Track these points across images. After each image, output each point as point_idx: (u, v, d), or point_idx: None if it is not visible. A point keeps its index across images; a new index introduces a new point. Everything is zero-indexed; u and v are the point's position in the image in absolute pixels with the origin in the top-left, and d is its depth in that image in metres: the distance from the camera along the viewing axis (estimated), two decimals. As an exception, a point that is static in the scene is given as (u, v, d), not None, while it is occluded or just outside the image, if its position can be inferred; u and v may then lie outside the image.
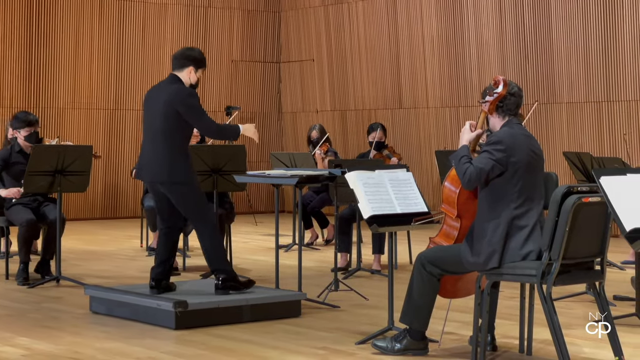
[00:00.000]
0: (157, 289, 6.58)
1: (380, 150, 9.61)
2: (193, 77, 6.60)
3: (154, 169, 6.55)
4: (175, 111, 6.46)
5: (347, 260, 8.87)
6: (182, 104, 6.46)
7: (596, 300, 5.14)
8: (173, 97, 6.48)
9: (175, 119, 6.47)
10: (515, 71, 12.34)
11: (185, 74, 6.59)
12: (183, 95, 6.49)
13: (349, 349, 5.65)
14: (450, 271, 5.32)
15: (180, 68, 6.60)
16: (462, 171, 5.13)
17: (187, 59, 6.61)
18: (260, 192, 15.34)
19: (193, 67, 6.59)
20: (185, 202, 6.54)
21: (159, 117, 6.51)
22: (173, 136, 6.49)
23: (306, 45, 15.25)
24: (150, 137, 6.60)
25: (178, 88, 6.53)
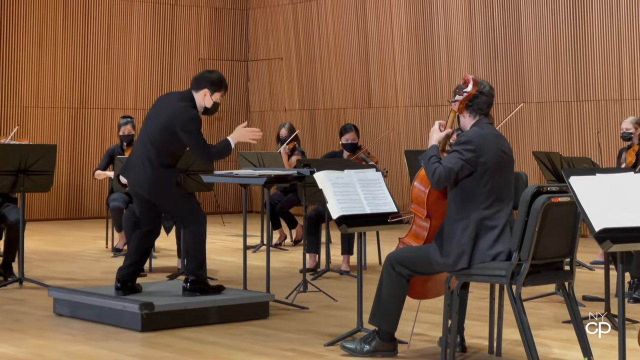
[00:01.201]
0: (123, 290, 6.54)
1: (353, 151, 9.61)
2: (208, 100, 6.52)
3: (137, 176, 6.52)
4: (172, 129, 6.42)
5: (316, 261, 8.87)
6: (182, 127, 6.40)
7: (565, 300, 5.18)
8: (175, 116, 6.42)
9: (170, 137, 6.42)
10: (485, 71, 12.40)
11: (200, 96, 6.52)
12: (185, 118, 6.42)
13: (317, 350, 5.65)
14: (419, 272, 5.33)
15: (196, 89, 6.54)
16: (431, 171, 5.15)
17: (203, 80, 6.53)
18: (228, 192, 15.30)
19: (208, 90, 6.50)
20: (172, 210, 6.55)
21: (157, 129, 6.47)
22: (162, 149, 6.44)
23: (274, 43, 15.23)
24: (144, 141, 6.54)
25: (184, 108, 6.44)
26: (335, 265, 8.84)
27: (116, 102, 14.48)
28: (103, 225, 11.00)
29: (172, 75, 14.84)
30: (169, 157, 6.50)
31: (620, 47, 11.36)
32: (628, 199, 4.34)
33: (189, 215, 6.53)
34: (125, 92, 14.55)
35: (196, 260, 6.55)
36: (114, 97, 14.47)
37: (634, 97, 11.26)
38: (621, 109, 11.28)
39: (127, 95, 14.57)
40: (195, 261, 6.55)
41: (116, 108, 14.37)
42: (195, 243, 6.55)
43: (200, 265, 6.57)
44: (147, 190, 6.49)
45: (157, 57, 14.78)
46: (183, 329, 6.20)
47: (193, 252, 6.56)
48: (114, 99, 14.47)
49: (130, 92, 14.59)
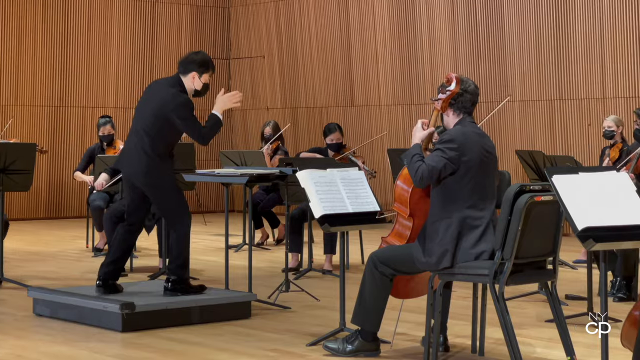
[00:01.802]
0: (104, 288, 6.52)
1: (339, 151, 9.61)
2: (197, 82, 6.51)
3: (131, 166, 6.49)
4: (165, 117, 6.40)
5: (298, 261, 8.87)
6: (174, 113, 6.38)
7: (548, 299, 5.20)
8: (167, 103, 6.40)
9: (163, 124, 6.41)
10: (468, 69, 12.43)
11: (188, 80, 6.50)
12: (176, 104, 6.40)
13: (299, 350, 5.66)
14: (402, 271, 5.34)
15: (183, 73, 6.52)
16: (414, 169, 5.15)
17: (190, 63, 6.51)
18: (210, 191, 15.28)
19: (197, 73, 6.49)
20: (162, 202, 6.50)
21: (150, 117, 6.45)
22: (157, 138, 6.43)
23: (256, 41, 15.22)
24: (137, 130, 6.52)
25: (174, 95, 6.43)
26: (317, 264, 8.84)
27: (97, 101, 14.43)
28: (83, 224, 10.97)
29: (153, 73, 14.79)
30: (164, 146, 6.47)
31: (602, 45, 11.42)
32: (611, 197, 4.36)
33: (177, 212, 6.51)
34: (105, 91, 14.50)
35: (179, 259, 6.54)
36: (94, 95, 14.42)
37: (616, 95, 11.32)
38: (604, 107, 11.34)
39: (108, 93, 14.52)
40: (177, 261, 6.54)
41: (97, 106, 14.33)
42: (179, 242, 6.54)
43: (183, 265, 6.56)
44: (142, 181, 6.45)
45: (138, 55, 14.74)
46: (164, 329, 6.19)
47: (176, 252, 6.55)
48: (95, 97, 14.42)
49: (110, 90, 14.54)
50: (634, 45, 11.16)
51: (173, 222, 6.55)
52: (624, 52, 11.24)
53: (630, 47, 11.18)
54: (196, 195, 14.28)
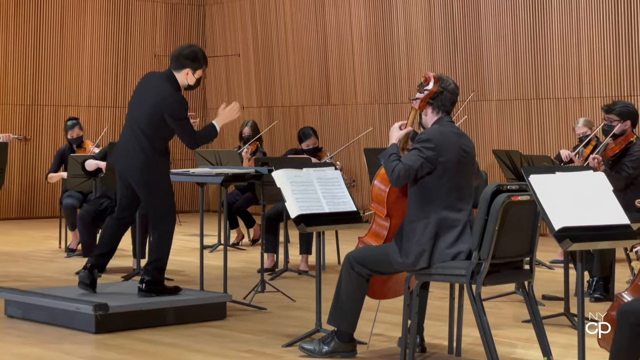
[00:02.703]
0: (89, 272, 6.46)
1: (315, 156, 9.61)
2: (191, 78, 6.51)
3: (127, 162, 6.46)
4: (160, 114, 6.37)
5: (274, 261, 8.86)
6: (169, 112, 6.36)
7: (525, 300, 5.22)
8: (162, 101, 6.38)
9: (158, 121, 6.38)
10: (445, 68, 12.46)
11: (182, 76, 6.49)
12: (171, 102, 6.38)
13: (275, 352, 5.65)
14: (379, 271, 5.34)
15: (177, 68, 6.50)
16: (391, 169, 5.16)
17: (184, 59, 6.49)
18: (185, 191, 15.24)
19: (191, 69, 6.49)
20: (150, 199, 6.46)
21: (144, 113, 6.43)
22: (154, 135, 6.40)
23: (232, 39, 15.18)
24: (131, 126, 6.50)
25: (169, 93, 6.40)
26: (293, 265, 8.84)
27: (70, 99, 14.35)
28: (56, 224, 10.91)
29: (127, 71, 14.73)
30: (160, 142, 6.45)
31: (579, 45, 11.47)
32: (587, 197, 4.38)
33: (164, 213, 6.47)
34: (79, 89, 14.42)
35: (159, 262, 6.51)
36: (67, 93, 14.34)
37: (593, 95, 11.38)
38: (581, 107, 11.40)
39: (81, 92, 14.44)
40: (157, 262, 6.51)
41: (70, 105, 14.25)
42: (162, 243, 6.51)
43: (160, 268, 6.53)
44: (136, 178, 6.42)
45: (112, 53, 14.67)
46: (138, 330, 6.16)
47: (157, 254, 6.51)
48: (68, 96, 14.34)
49: (84, 88, 14.46)
50: (610, 44, 11.22)
51: (158, 222, 6.50)
52: (600, 52, 11.30)
53: (607, 46, 11.25)
54: (171, 195, 14.22)
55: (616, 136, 7.53)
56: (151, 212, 6.50)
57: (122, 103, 14.56)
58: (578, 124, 9.35)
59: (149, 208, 6.50)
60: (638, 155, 7.41)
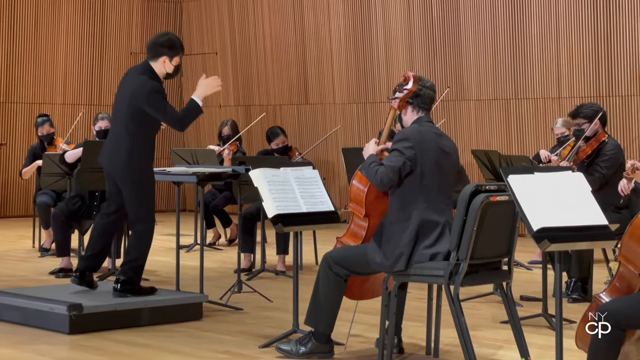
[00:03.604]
0: (79, 280, 6.45)
1: (286, 154, 9.61)
2: (169, 66, 6.49)
3: (113, 160, 6.45)
4: (138, 107, 6.35)
5: (251, 261, 8.85)
6: (144, 101, 6.34)
7: (503, 300, 5.24)
8: (136, 92, 6.36)
9: (138, 114, 6.36)
10: (424, 67, 12.50)
11: (159, 65, 6.47)
12: (145, 91, 6.36)
13: (252, 352, 5.65)
14: (357, 272, 5.35)
15: (153, 58, 6.48)
16: (373, 174, 5.14)
17: (160, 47, 6.48)
18: (161, 190, 15.19)
19: (167, 57, 6.47)
20: (133, 197, 6.42)
21: (124, 107, 6.42)
22: (136, 130, 6.38)
23: (209, 37, 15.16)
24: (115, 125, 6.51)
25: (142, 82, 6.38)
26: (270, 265, 8.84)
27: (44, 97, 14.28)
28: (29, 224, 10.85)
29: (102, 69, 14.68)
30: (144, 139, 6.41)
31: (558, 45, 11.54)
32: (566, 198, 4.41)
33: (144, 214, 6.44)
34: (53, 86, 14.36)
35: (134, 262, 6.48)
36: (41, 91, 14.27)
37: (572, 95, 11.45)
38: (559, 107, 11.46)
39: (56, 89, 14.38)
40: (133, 263, 6.47)
41: (44, 102, 14.18)
42: (139, 245, 6.48)
43: (137, 269, 6.49)
44: (121, 177, 6.41)
45: (87, 50, 14.61)
46: (113, 331, 6.14)
47: (135, 254, 6.48)
48: (42, 93, 14.27)
49: (58, 86, 14.40)
50: (589, 44, 11.29)
51: (137, 222, 6.46)
52: (579, 52, 11.37)
53: (586, 46, 11.31)
54: (146, 194, 14.18)
55: (589, 138, 7.57)
56: (131, 211, 6.47)
57: (97, 101, 14.51)
58: (556, 124, 9.40)
59: (129, 207, 6.48)
60: (610, 155, 7.45)
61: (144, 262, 6.55)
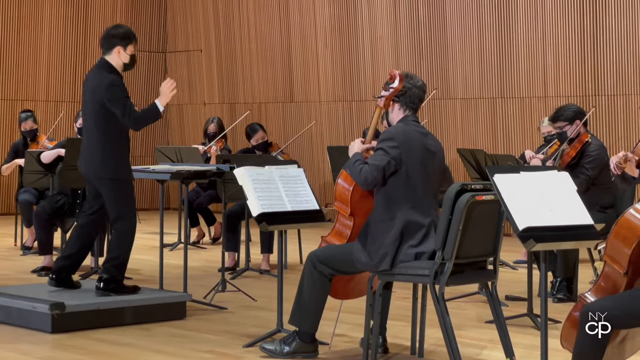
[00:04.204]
0: (56, 282, 6.43)
1: (266, 150, 9.60)
2: (124, 56, 6.48)
3: (88, 163, 6.46)
4: (101, 103, 6.35)
5: (235, 260, 8.84)
6: (106, 95, 6.35)
7: (488, 300, 5.25)
8: (96, 88, 6.37)
9: (104, 112, 6.36)
10: (410, 65, 12.51)
11: (114, 56, 6.47)
12: (104, 85, 6.36)
13: (236, 352, 5.65)
14: (342, 271, 5.35)
15: (108, 50, 6.48)
16: (357, 172, 5.14)
17: (112, 38, 6.48)
18: (144, 188, 15.16)
19: (121, 47, 6.47)
20: (111, 197, 6.42)
21: (90, 108, 6.43)
22: (106, 128, 6.38)
23: (194, 34, 15.14)
24: (86, 129, 6.51)
25: (101, 78, 6.40)
26: (254, 264, 8.83)
27: (27, 94, 14.22)
28: (11, 222, 10.80)
29: (85, 66, 14.61)
30: (114, 136, 6.40)
31: (544, 44, 11.57)
32: (552, 197, 4.42)
33: (124, 211, 6.43)
34: (36, 83, 14.30)
35: (117, 259, 6.47)
36: (23, 88, 14.21)
37: (558, 94, 11.49)
38: (545, 106, 11.49)
39: (38, 86, 14.32)
40: (115, 260, 6.47)
41: (26, 99, 14.12)
42: (121, 243, 6.47)
43: (119, 266, 6.49)
44: (99, 178, 6.40)
45: (70, 47, 14.56)
46: (96, 330, 6.13)
47: (116, 251, 6.47)
48: (25, 90, 14.21)
49: (41, 83, 14.34)
50: (575, 43, 11.33)
51: (117, 220, 6.45)
52: (565, 51, 11.41)
53: (572, 45, 11.35)
54: (130, 192, 14.14)
55: (572, 139, 7.58)
56: (111, 210, 6.47)
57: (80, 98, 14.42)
58: (543, 123, 9.42)
59: (109, 205, 6.47)
60: (595, 156, 7.47)
61: (126, 260, 6.54)
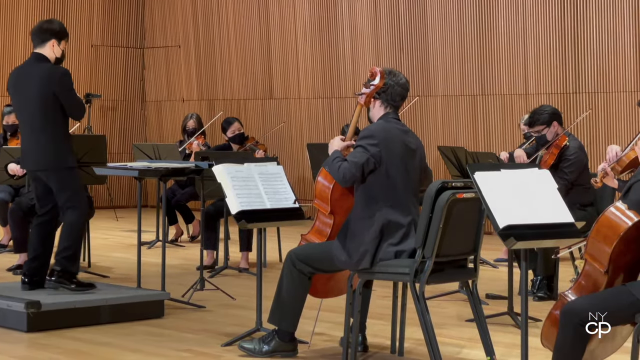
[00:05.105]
0: (29, 286, 6.39)
1: (242, 143, 9.59)
2: (57, 50, 6.49)
3: (37, 158, 6.40)
4: (51, 92, 6.32)
5: (214, 258, 8.83)
6: (58, 84, 6.34)
7: (469, 298, 5.26)
8: (47, 78, 6.34)
9: (53, 101, 6.33)
10: (390, 62, 12.52)
11: (48, 49, 6.47)
12: (58, 75, 6.37)
13: (214, 351, 5.64)
14: (321, 269, 5.35)
15: (41, 44, 6.47)
16: (336, 169, 5.14)
17: (46, 32, 6.48)
18: (122, 186, 15.11)
19: (55, 40, 6.47)
20: (62, 187, 6.38)
21: (35, 101, 6.37)
22: (54, 120, 6.35)
23: (172, 30, 15.09)
24: (28, 123, 6.44)
25: (50, 68, 6.40)
26: (233, 262, 8.82)
27: (2, 89, 14.13)
28: (-13, 219, 10.73)
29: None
30: (62, 127, 6.40)
31: (525, 41, 11.61)
32: (532, 195, 4.43)
33: (74, 201, 6.39)
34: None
35: (68, 251, 6.41)
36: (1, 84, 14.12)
37: (539, 91, 11.53)
38: (526, 103, 11.53)
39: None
40: (65, 252, 6.41)
41: (2, 95, 14.04)
42: (71, 234, 6.42)
43: (70, 258, 6.41)
44: (47, 172, 6.36)
45: (47, 42, 14.46)
46: (72, 329, 6.10)
47: (66, 242, 6.41)
48: (1, 87, 14.13)
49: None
50: (556, 41, 11.37)
51: (67, 211, 6.40)
52: (546, 48, 11.45)
53: (553, 43, 11.39)
54: (107, 190, 14.11)
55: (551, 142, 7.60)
56: (62, 202, 6.41)
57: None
58: (523, 120, 9.45)
59: (59, 198, 6.41)
60: (573, 159, 7.50)
61: (76, 251, 6.49)
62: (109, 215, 13.06)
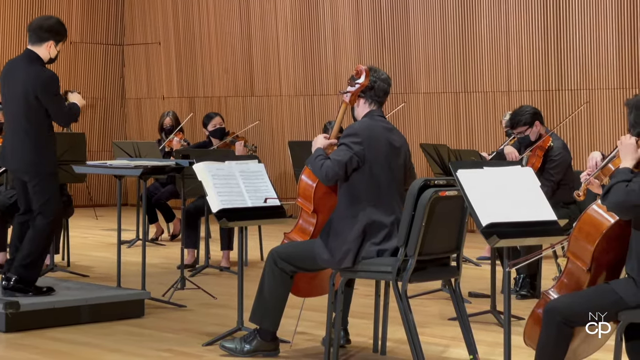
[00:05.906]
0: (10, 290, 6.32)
1: (222, 138, 9.59)
2: (53, 51, 6.39)
3: (19, 158, 6.32)
4: (34, 96, 6.24)
5: (195, 257, 8.81)
6: (43, 89, 6.24)
7: (451, 297, 5.27)
8: (33, 81, 6.25)
9: (36, 104, 6.25)
10: (372, 59, 12.52)
11: (43, 50, 6.35)
12: (44, 79, 6.26)
13: (195, 351, 5.63)
14: (304, 268, 5.35)
15: (38, 42, 6.35)
16: (318, 167, 5.14)
17: (47, 31, 6.35)
18: (102, 184, 15.06)
19: (53, 42, 6.36)
20: (39, 192, 6.27)
21: (19, 100, 6.29)
22: (37, 122, 6.27)
23: (152, 27, 15.05)
24: (12, 121, 6.37)
25: (38, 71, 6.28)
26: (214, 261, 8.81)
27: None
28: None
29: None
30: (47, 129, 6.32)
31: (508, 38, 11.64)
32: (515, 193, 4.44)
33: (47, 208, 6.26)
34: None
35: (26, 259, 6.23)
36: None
37: (521, 89, 11.56)
38: (509, 100, 11.56)
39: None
40: (24, 260, 6.24)
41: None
42: (34, 239, 6.26)
43: (29, 266, 6.24)
44: (29, 174, 6.27)
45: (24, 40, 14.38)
46: (51, 329, 6.08)
47: (26, 249, 6.24)
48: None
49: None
50: (538, 38, 11.40)
51: (38, 215, 6.27)
52: (529, 45, 11.48)
53: (535, 40, 11.42)
54: (87, 188, 14.06)
55: (535, 142, 7.63)
56: (36, 205, 6.29)
57: None
58: (506, 117, 9.47)
59: (34, 200, 6.30)
60: (558, 160, 7.53)
61: (37, 259, 6.29)
62: (88, 213, 13.02)
